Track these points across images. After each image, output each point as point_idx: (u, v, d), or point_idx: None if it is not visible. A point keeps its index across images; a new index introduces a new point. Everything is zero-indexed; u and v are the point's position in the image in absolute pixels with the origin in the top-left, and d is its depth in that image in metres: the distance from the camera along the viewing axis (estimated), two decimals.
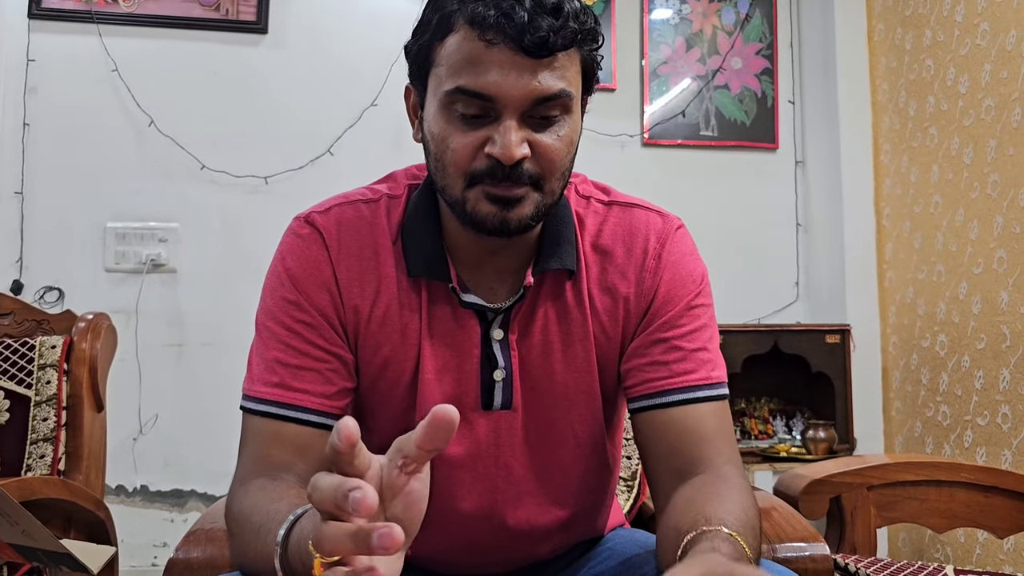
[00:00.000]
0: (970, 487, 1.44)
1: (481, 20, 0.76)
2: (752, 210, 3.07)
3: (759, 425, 2.86)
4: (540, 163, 0.80)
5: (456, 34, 0.79)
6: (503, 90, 0.77)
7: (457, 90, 0.78)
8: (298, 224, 0.91)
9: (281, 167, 2.77)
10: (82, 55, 2.70)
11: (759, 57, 3.12)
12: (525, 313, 0.90)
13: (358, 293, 0.88)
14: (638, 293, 0.91)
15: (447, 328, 0.89)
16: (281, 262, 0.89)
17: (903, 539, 2.72)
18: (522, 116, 0.79)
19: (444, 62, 0.80)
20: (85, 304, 2.25)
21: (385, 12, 2.88)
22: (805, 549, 1.03)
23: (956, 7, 2.48)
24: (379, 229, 0.90)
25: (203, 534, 1.00)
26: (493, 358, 0.90)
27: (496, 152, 0.78)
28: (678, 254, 0.92)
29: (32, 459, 1.66)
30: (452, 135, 0.80)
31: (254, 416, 0.86)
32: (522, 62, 0.77)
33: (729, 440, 0.88)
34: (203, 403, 2.67)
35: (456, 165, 0.80)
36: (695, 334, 0.90)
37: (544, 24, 0.76)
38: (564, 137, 0.81)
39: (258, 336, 0.88)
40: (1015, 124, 2.21)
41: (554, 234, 0.90)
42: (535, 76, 0.77)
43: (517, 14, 0.75)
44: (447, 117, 0.80)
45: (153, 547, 2.64)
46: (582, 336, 0.91)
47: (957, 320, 2.44)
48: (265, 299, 0.89)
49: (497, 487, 0.93)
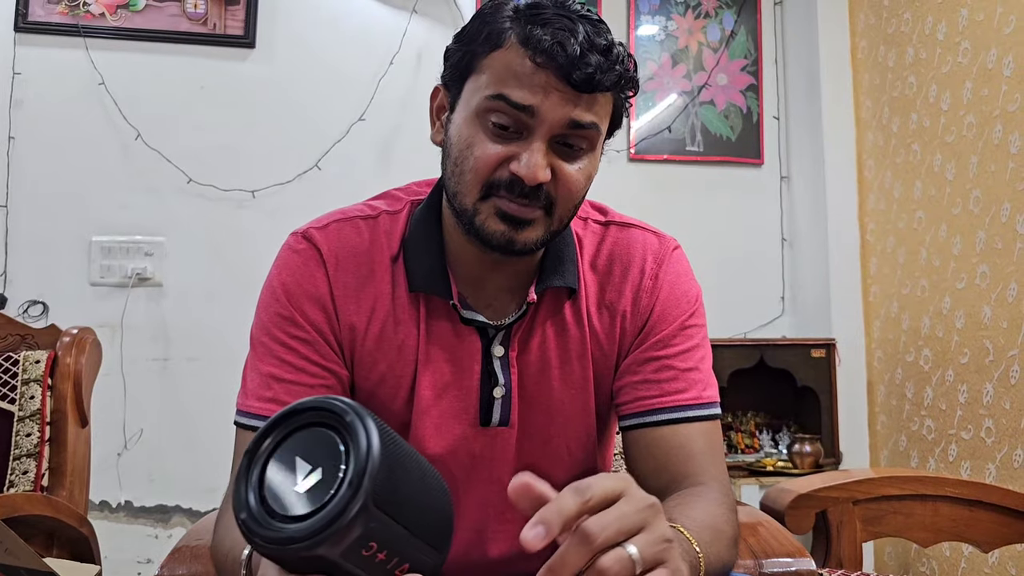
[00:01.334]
0: (955, 501, 1.44)
1: (536, 42, 0.78)
2: (738, 225, 3.09)
3: (745, 439, 2.87)
4: (559, 190, 0.82)
5: (506, 48, 0.80)
6: (541, 109, 0.78)
7: (499, 96, 0.79)
8: (295, 239, 0.91)
9: (268, 181, 2.76)
10: (68, 68, 2.69)
11: (744, 73, 3.15)
12: (525, 330, 0.91)
13: (354, 310, 0.88)
14: (634, 312, 0.92)
15: (447, 344, 0.89)
16: (277, 277, 0.89)
17: (889, 553, 2.73)
18: (550, 141, 0.80)
19: (488, 71, 0.81)
20: (70, 318, 2.23)
21: (373, 27, 2.88)
22: (791, 564, 1.03)
23: (938, 25, 2.52)
24: (377, 246, 0.90)
25: (188, 551, 1.00)
26: (494, 375, 0.90)
27: (520, 171, 0.79)
28: (674, 274, 0.93)
29: (15, 475, 1.64)
30: (479, 143, 0.81)
31: (247, 431, 0.85)
32: (565, 90, 0.78)
33: (717, 460, 0.88)
34: (188, 418, 2.65)
35: (476, 172, 0.81)
36: (687, 354, 0.90)
37: (593, 61, 0.78)
38: (584, 170, 0.83)
39: (253, 351, 0.88)
40: (996, 141, 2.24)
41: (556, 253, 0.91)
42: (574, 106, 0.79)
43: (570, 45, 0.77)
44: (479, 124, 0.81)
45: (137, 563, 2.61)
46: (580, 354, 0.91)
47: (941, 335, 2.46)
48: (260, 314, 0.89)
49: (489, 502, 0.93)
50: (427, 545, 0.51)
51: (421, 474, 0.52)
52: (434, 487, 0.53)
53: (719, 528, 0.76)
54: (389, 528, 0.47)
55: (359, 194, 0.99)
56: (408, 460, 0.50)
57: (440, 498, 0.53)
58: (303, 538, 0.45)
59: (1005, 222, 2.20)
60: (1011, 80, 2.19)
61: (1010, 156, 2.18)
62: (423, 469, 0.53)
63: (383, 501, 0.46)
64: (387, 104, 2.80)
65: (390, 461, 0.47)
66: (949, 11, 2.46)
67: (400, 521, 0.48)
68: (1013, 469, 2.14)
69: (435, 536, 0.52)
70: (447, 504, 0.54)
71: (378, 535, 0.47)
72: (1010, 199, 2.18)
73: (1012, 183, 2.18)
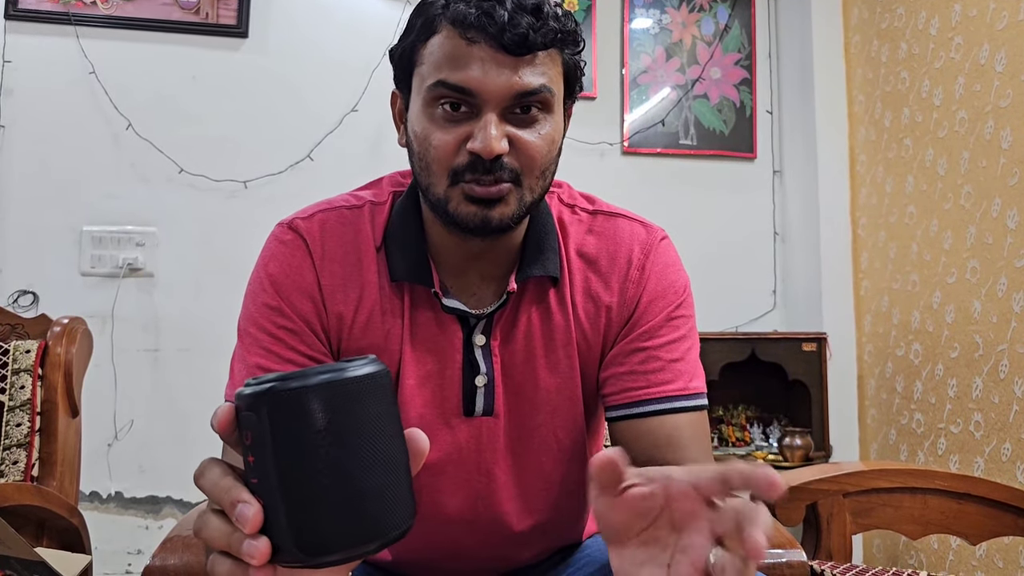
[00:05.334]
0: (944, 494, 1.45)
1: (463, 19, 0.78)
2: (730, 219, 3.10)
3: (736, 432, 2.88)
4: (520, 159, 0.81)
5: (439, 34, 0.80)
6: (484, 85, 0.78)
7: (439, 83, 0.79)
8: (281, 230, 0.90)
9: (260, 172, 2.75)
10: (59, 57, 2.68)
11: (738, 67, 3.15)
12: (508, 319, 0.90)
13: (341, 299, 0.88)
14: (620, 302, 0.91)
15: (429, 333, 0.89)
16: (264, 268, 0.89)
17: (877, 545, 2.75)
18: (503, 112, 0.80)
19: (427, 60, 0.81)
20: (60, 308, 2.23)
21: (366, 17, 2.87)
22: (782, 556, 1.04)
23: (931, 21, 2.52)
24: (363, 235, 0.90)
25: (180, 541, 1.00)
26: (475, 364, 0.90)
27: (476, 147, 0.78)
28: (661, 265, 0.93)
29: (5, 465, 1.64)
30: (434, 132, 0.81)
31: None
32: (503, 59, 0.78)
33: (704, 449, 0.89)
34: (179, 409, 2.65)
35: (439, 162, 0.81)
36: (674, 344, 0.90)
37: (524, 22, 0.77)
38: (545, 136, 0.82)
39: (240, 342, 0.88)
40: (988, 136, 2.25)
41: (537, 241, 0.90)
42: (516, 72, 0.79)
43: (497, 13, 0.77)
44: (430, 115, 0.81)
45: (127, 554, 2.61)
46: (565, 342, 0.91)
47: (931, 329, 2.48)
48: (247, 305, 0.89)
49: (479, 493, 0.93)
50: (290, 516, 0.44)
51: (367, 460, 0.45)
52: (371, 489, 0.45)
53: None
54: (265, 446, 0.44)
55: (351, 185, 0.98)
56: (367, 437, 0.45)
57: (367, 512, 0.45)
58: (243, 393, 0.46)
59: (996, 217, 2.21)
60: (1003, 76, 2.20)
61: (1001, 152, 2.19)
62: (380, 463, 0.46)
63: (284, 412, 0.44)
64: (380, 95, 2.79)
65: (342, 399, 0.44)
66: (942, 6, 2.47)
67: (282, 455, 0.44)
68: (1001, 463, 2.15)
69: (308, 516, 0.44)
70: (372, 522, 0.45)
71: (255, 438, 0.45)
72: (1001, 194, 2.19)
73: (1003, 178, 2.18)
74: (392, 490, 0.46)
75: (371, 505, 0.45)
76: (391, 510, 0.46)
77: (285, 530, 0.44)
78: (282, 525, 0.45)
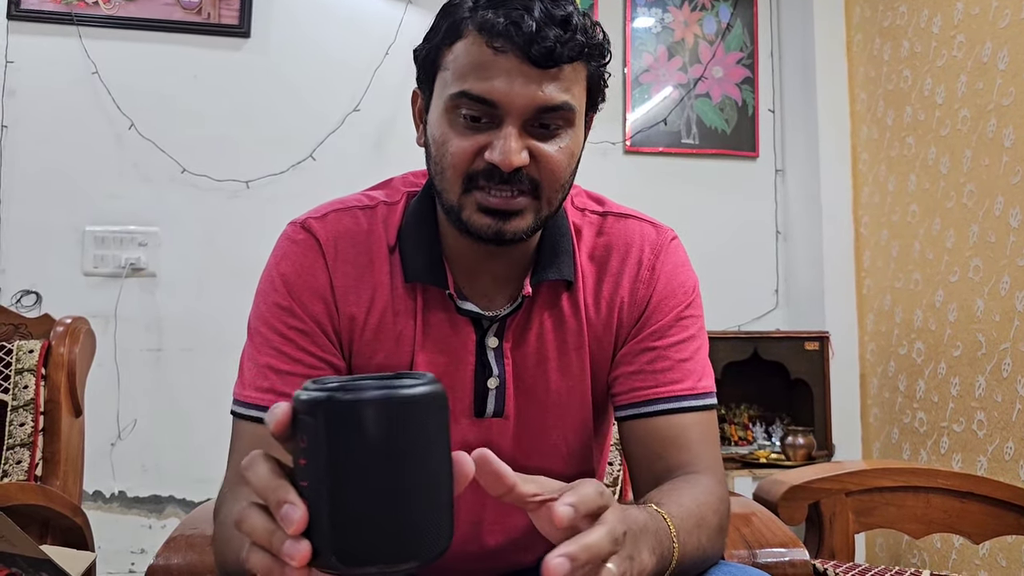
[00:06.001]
0: (946, 493, 1.45)
1: (490, 27, 0.76)
2: (732, 218, 3.09)
3: (739, 431, 2.88)
4: (541, 172, 0.80)
5: (465, 40, 0.79)
6: (507, 97, 0.77)
7: (461, 94, 0.78)
8: (294, 229, 0.90)
9: (263, 171, 2.75)
10: (61, 57, 2.68)
11: (740, 66, 3.15)
12: (520, 322, 0.90)
13: (354, 300, 0.88)
14: (631, 302, 0.91)
15: (442, 334, 0.89)
16: (276, 267, 0.88)
17: (880, 544, 2.74)
18: (524, 124, 0.79)
19: (451, 66, 0.80)
20: (63, 308, 2.23)
21: (368, 17, 2.87)
22: (785, 554, 1.04)
23: (933, 19, 2.52)
24: (375, 236, 0.89)
25: (183, 540, 1.00)
26: (488, 366, 0.90)
27: (495, 158, 0.78)
28: (671, 265, 0.93)
29: (8, 464, 1.64)
30: (452, 138, 0.80)
31: (244, 421, 0.85)
32: (528, 71, 0.77)
33: (712, 449, 0.89)
34: (182, 408, 2.65)
35: (454, 167, 0.80)
36: (683, 344, 0.90)
37: (551, 35, 0.76)
38: (565, 149, 0.81)
39: (250, 341, 0.88)
40: (990, 135, 2.24)
41: (552, 244, 0.90)
42: (540, 86, 0.77)
43: (526, 23, 0.76)
44: (449, 120, 0.80)
45: (131, 553, 2.61)
46: (577, 346, 0.91)
47: (934, 328, 2.47)
48: (258, 304, 0.88)
49: (485, 494, 0.93)
50: (334, 524, 0.45)
51: (417, 480, 0.46)
52: (413, 521, 0.46)
53: (704, 516, 0.76)
54: (318, 452, 0.45)
55: (354, 184, 0.98)
56: (420, 457, 0.46)
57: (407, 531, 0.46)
58: (301, 398, 0.47)
59: (999, 216, 2.20)
60: (1005, 74, 2.20)
61: (1004, 150, 2.19)
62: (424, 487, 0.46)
63: (344, 422, 0.44)
64: (382, 94, 2.79)
65: (403, 416, 0.45)
66: (944, 4, 2.46)
67: (334, 463, 0.45)
68: (1004, 461, 2.15)
69: (352, 527, 0.45)
70: (409, 543, 0.46)
71: (310, 443, 0.46)
72: (1004, 193, 2.19)
73: (1006, 177, 2.18)
74: (436, 512, 0.47)
75: (414, 524, 0.46)
76: (432, 531, 0.47)
77: (327, 536, 0.45)
78: (324, 531, 0.45)
